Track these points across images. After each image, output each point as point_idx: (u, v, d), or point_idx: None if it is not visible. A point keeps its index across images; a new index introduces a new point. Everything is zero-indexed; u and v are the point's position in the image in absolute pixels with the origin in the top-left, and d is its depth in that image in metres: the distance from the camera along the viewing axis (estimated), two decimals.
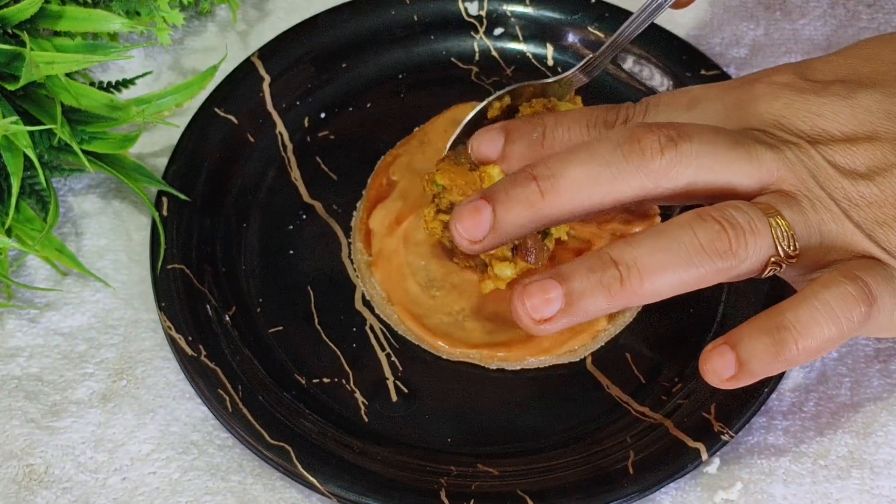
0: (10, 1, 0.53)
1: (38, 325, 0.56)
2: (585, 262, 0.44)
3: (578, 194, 0.45)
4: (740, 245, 0.44)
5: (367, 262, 0.57)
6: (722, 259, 0.43)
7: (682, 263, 0.43)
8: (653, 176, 0.44)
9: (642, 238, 0.44)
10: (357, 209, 0.60)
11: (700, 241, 0.43)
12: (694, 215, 0.44)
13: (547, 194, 0.45)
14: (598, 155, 0.45)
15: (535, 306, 0.44)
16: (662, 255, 0.43)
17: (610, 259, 0.44)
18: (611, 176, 0.44)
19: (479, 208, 0.45)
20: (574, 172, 0.45)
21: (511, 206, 0.45)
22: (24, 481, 0.51)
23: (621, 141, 0.45)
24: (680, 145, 0.45)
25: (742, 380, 0.44)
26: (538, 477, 0.51)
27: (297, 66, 0.63)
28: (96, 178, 0.61)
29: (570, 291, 0.44)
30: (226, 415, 0.51)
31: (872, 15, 0.68)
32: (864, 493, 0.52)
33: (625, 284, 0.43)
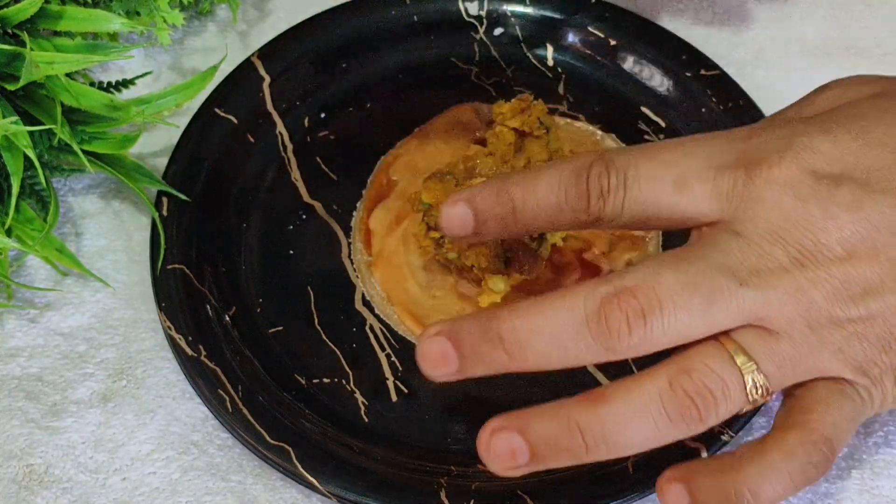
0: (10, 1, 0.53)
1: (38, 325, 0.56)
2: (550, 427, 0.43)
3: (544, 364, 0.44)
4: (710, 414, 0.42)
5: (367, 262, 0.57)
6: (688, 428, 0.43)
7: (649, 436, 0.42)
8: (619, 353, 0.43)
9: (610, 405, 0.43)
10: (357, 209, 0.60)
11: (668, 414, 0.42)
12: (665, 384, 0.43)
13: (513, 359, 0.44)
14: (566, 327, 0.43)
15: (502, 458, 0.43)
16: (631, 430, 0.42)
17: (577, 428, 0.43)
18: (577, 353, 0.43)
19: (447, 355, 0.44)
20: (542, 346, 0.43)
21: (476, 362, 0.44)
22: (24, 481, 0.51)
23: (589, 316, 0.43)
24: (649, 322, 0.42)
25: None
26: (538, 477, 0.51)
27: (297, 66, 0.63)
28: (96, 178, 0.61)
29: (535, 450, 0.43)
30: (226, 415, 0.51)
31: (873, 15, 0.68)
32: (864, 493, 0.52)
33: (591, 453, 0.43)
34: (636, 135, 0.62)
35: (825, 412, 0.44)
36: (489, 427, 0.44)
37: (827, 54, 0.67)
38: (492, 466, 0.44)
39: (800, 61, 0.66)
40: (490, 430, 0.44)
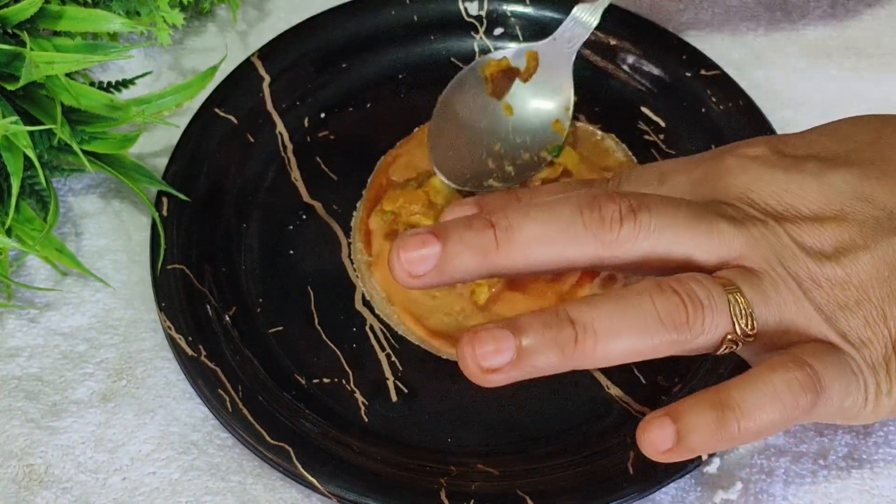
0: (10, 1, 0.53)
1: (38, 325, 0.56)
2: (541, 318, 0.42)
3: (532, 251, 0.43)
4: (697, 319, 0.43)
5: (367, 262, 0.57)
6: (677, 331, 0.42)
7: (638, 331, 0.42)
8: (609, 245, 0.43)
9: (601, 301, 0.43)
10: (357, 209, 0.60)
11: (658, 310, 0.42)
12: (654, 284, 0.43)
13: (502, 245, 0.43)
14: (559, 216, 0.43)
15: (485, 355, 0.42)
16: (619, 320, 0.42)
17: (567, 317, 0.42)
18: (567, 239, 0.43)
19: (427, 242, 0.43)
20: (532, 228, 0.43)
21: (462, 249, 0.43)
22: (24, 481, 0.51)
23: (582, 205, 0.44)
24: (639, 216, 0.44)
25: (679, 454, 0.43)
26: (538, 477, 0.51)
27: (297, 66, 0.63)
28: (96, 178, 0.61)
29: (522, 345, 0.42)
30: (226, 415, 0.51)
31: (873, 15, 0.68)
32: (864, 493, 0.52)
33: (579, 345, 0.42)
34: (636, 135, 0.62)
35: (812, 351, 0.44)
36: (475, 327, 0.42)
37: (827, 54, 0.67)
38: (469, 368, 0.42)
39: (800, 61, 0.66)
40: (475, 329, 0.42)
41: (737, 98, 0.62)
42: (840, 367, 0.44)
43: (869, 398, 0.45)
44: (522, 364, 0.42)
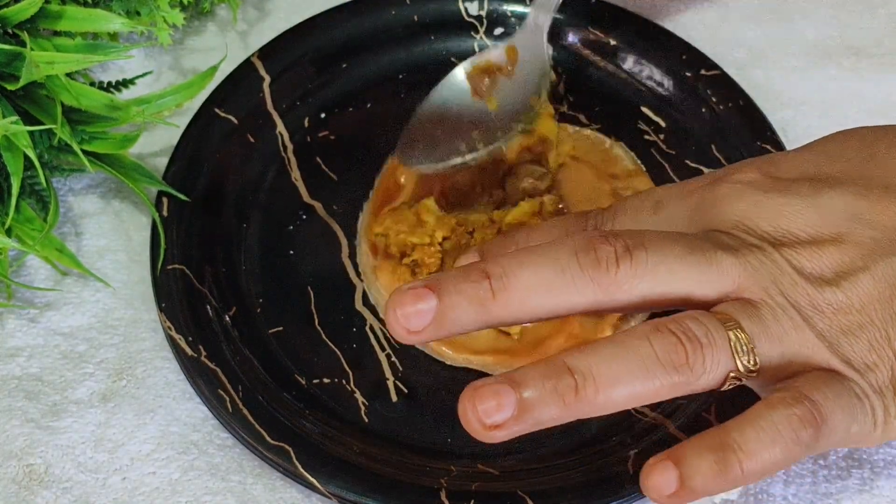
0: (10, 1, 0.53)
1: (38, 325, 0.56)
2: (540, 369, 0.42)
3: (530, 299, 0.43)
4: (697, 359, 0.42)
5: (372, 266, 0.57)
6: (678, 373, 0.42)
7: (638, 376, 0.42)
8: (607, 288, 0.43)
9: (599, 347, 0.42)
10: (363, 211, 0.59)
11: (657, 353, 0.42)
12: (651, 327, 0.43)
13: (498, 295, 0.42)
14: (554, 261, 0.43)
15: (486, 411, 0.41)
16: (618, 365, 0.42)
17: (565, 367, 0.42)
18: (563, 284, 0.43)
19: (422, 296, 0.42)
20: (528, 276, 0.42)
21: (458, 301, 0.42)
22: (24, 481, 0.51)
23: (577, 248, 0.43)
24: (635, 254, 0.43)
25: (683, 497, 0.42)
26: (538, 477, 0.51)
27: (297, 66, 0.63)
28: (96, 178, 0.61)
29: (523, 398, 0.41)
30: (226, 415, 0.51)
31: (873, 15, 0.68)
32: (863, 493, 0.52)
33: (580, 394, 0.41)
34: (636, 135, 0.62)
35: (814, 383, 0.43)
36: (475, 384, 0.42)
37: (827, 54, 0.67)
38: (472, 426, 0.42)
39: (800, 61, 0.66)
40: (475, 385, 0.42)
41: (737, 98, 0.62)
42: (843, 396, 0.43)
43: (878, 422, 0.44)
44: (524, 418, 0.41)
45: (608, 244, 0.43)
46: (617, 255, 0.43)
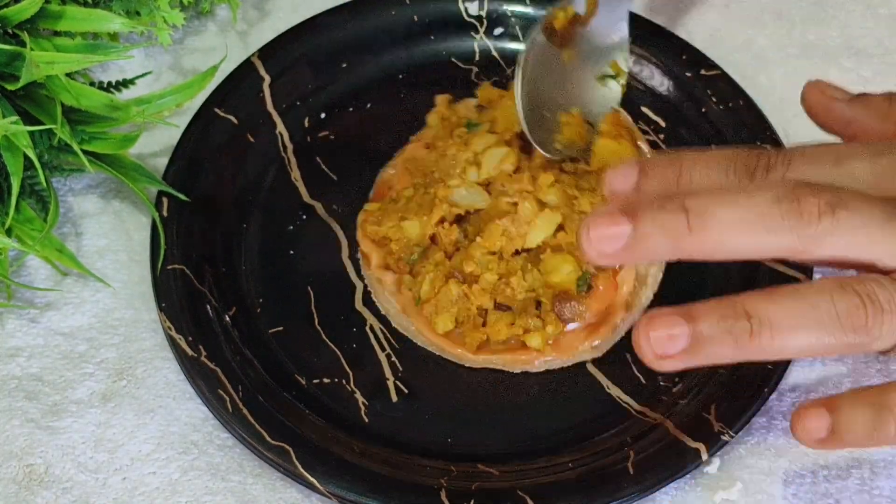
0: (10, 1, 0.53)
1: (38, 325, 0.56)
2: (718, 309, 0.43)
3: (726, 238, 0.43)
4: (876, 323, 0.42)
5: (377, 277, 0.57)
6: (855, 334, 0.42)
7: (815, 330, 0.42)
8: (805, 240, 0.43)
9: (780, 296, 0.43)
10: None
11: (837, 311, 0.42)
12: (836, 284, 0.43)
13: (695, 231, 0.43)
14: (755, 205, 0.43)
15: (659, 340, 0.43)
16: (798, 317, 0.42)
17: (744, 310, 0.43)
18: (764, 230, 0.43)
19: (618, 221, 0.43)
20: (728, 215, 0.43)
21: (654, 231, 0.43)
22: (24, 481, 0.51)
23: (781, 197, 0.43)
24: (838, 213, 0.43)
25: (832, 445, 0.44)
26: (538, 477, 0.51)
27: (297, 66, 0.63)
28: (96, 178, 0.61)
29: (696, 333, 0.42)
30: (226, 415, 0.51)
31: (873, 15, 0.68)
32: (863, 493, 0.52)
33: (754, 339, 0.42)
34: None
35: None
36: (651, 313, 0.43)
37: (827, 54, 0.67)
38: (645, 353, 0.43)
39: (800, 61, 0.66)
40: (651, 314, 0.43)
41: (737, 98, 0.62)
42: None
43: None
44: (696, 352, 0.42)
45: (813, 196, 0.43)
46: (820, 209, 0.43)
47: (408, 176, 0.59)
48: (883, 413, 0.43)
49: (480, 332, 0.54)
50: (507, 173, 0.56)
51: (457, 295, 0.54)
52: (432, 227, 0.55)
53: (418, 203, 0.56)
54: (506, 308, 0.55)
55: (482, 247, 0.55)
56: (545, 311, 0.54)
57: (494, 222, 0.55)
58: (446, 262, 0.55)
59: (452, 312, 0.54)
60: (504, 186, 0.56)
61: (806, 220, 0.43)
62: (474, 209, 0.56)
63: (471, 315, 0.54)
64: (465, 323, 0.54)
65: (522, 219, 0.55)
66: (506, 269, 0.54)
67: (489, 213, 0.56)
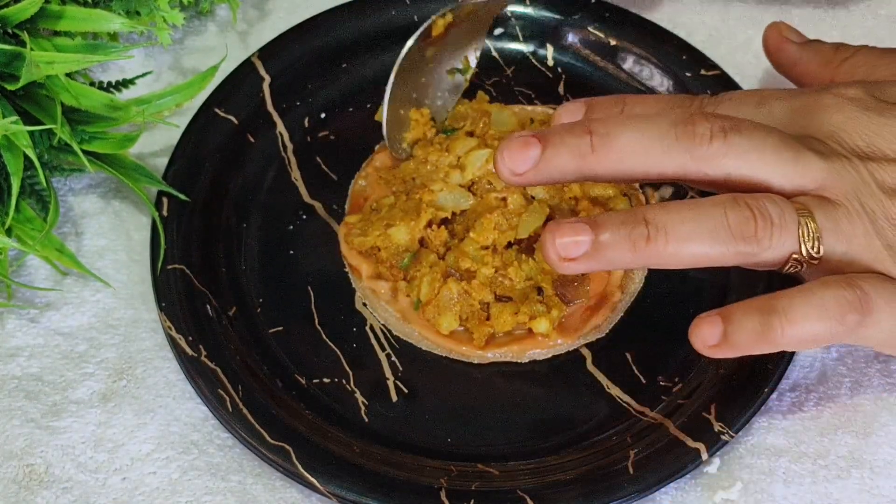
0: (10, 1, 0.53)
1: (38, 325, 0.56)
2: (620, 216, 0.46)
3: (626, 158, 0.47)
4: (765, 234, 0.45)
5: (371, 288, 0.57)
6: (746, 243, 0.45)
7: (708, 237, 0.45)
8: (697, 160, 0.47)
9: (676, 206, 0.46)
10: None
11: (729, 221, 0.45)
12: (729, 198, 0.46)
13: (597, 150, 0.47)
14: (654, 128, 0.47)
15: (564, 245, 0.46)
16: (692, 224, 0.46)
17: (643, 217, 0.46)
18: (660, 150, 0.47)
19: (529, 144, 0.47)
20: (627, 136, 0.47)
21: (561, 150, 0.47)
22: (24, 481, 0.51)
23: (677, 121, 0.47)
24: (729, 137, 0.47)
25: (724, 350, 0.46)
26: (538, 477, 0.51)
27: (297, 66, 0.63)
28: (96, 178, 0.61)
29: (598, 238, 0.46)
30: (226, 415, 0.51)
31: (873, 15, 0.68)
32: (863, 493, 0.52)
33: (650, 243, 0.45)
34: None
35: (870, 279, 0.46)
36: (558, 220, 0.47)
37: None
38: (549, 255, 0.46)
39: None
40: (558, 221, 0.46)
41: None
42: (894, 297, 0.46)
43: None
44: (597, 256, 0.46)
45: (706, 121, 0.47)
46: (712, 132, 0.47)
47: (383, 185, 0.59)
48: (771, 317, 0.45)
49: (487, 326, 0.54)
50: (494, 172, 0.57)
51: (457, 293, 0.55)
52: (420, 231, 0.56)
53: (402, 209, 0.57)
54: (507, 299, 0.55)
55: (475, 242, 0.55)
56: (547, 296, 0.55)
57: (486, 217, 0.55)
58: (440, 262, 0.56)
59: (455, 311, 0.55)
60: (491, 184, 0.57)
61: (698, 141, 0.47)
62: (460, 210, 0.57)
63: (474, 310, 0.55)
64: (469, 319, 0.55)
65: (513, 212, 0.56)
66: (501, 262, 0.55)
67: (476, 210, 0.56)
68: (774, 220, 0.46)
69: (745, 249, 0.46)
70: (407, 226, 0.56)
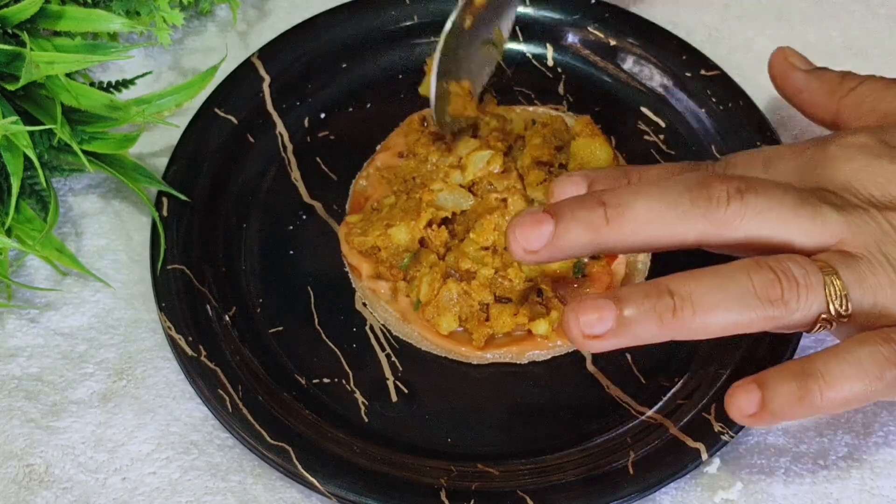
0: (10, 1, 0.53)
1: (38, 325, 0.56)
2: (642, 288, 0.45)
3: (641, 228, 0.45)
4: (792, 296, 0.44)
5: (371, 289, 0.57)
6: (773, 307, 0.44)
7: (735, 305, 0.44)
8: (716, 224, 0.45)
9: (700, 274, 0.45)
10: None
11: (755, 286, 0.44)
12: (752, 262, 0.45)
13: (612, 222, 0.45)
14: (668, 194, 0.46)
15: (588, 322, 0.44)
16: (717, 293, 0.44)
17: (667, 289, 0.45)
18: (676, 217, 0.45)
19: (541, 220, 0.46)
20: (641, 206, 0.45)
21: (574, 225, 0.45)
22: (24, 481, 0.51)
23: (691, 185, 0.46)
24: (746, 197, 0.46)
25: (763, 419, 0.45)
26: (538, 477, 0.51)
27: (297, 66, 0.63)
28: (96, 178, 0.61)
29: (622, 314, 0.44)
30: (226, 415, 0.51)
31: (873, 15, 0.68)
32: (863, 492, 0.52)
33: (677, 315, 0.44)
34: (636, 135, 0.62)
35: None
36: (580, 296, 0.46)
37: (827, 54, 0.66)
38: (573, 334, 0.45)
39: None
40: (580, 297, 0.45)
41: (737, 98, 0.62)
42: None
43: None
44: (623, 332, 0.44)
45: (721, 183, 0.46)
46: (729, 194, 0.45)
47: (384, 185, 0.59)
48: (808, 381, 0.44)
49: (486, 327, 0.54)
50: (495, 173, 0.57)
51: (457, 293, 0.55)
52: (421, 231, 0.56)
53: (402, 209, 0.57)
54: (506, 300, 0.55)
55: (475, 243, 0.55)
56: (547, 298, 0.55)
57: (486, 217, 0.55)
58: (440, 262, 0.56)
59: (455, 311, 0.55)
60: (492, 185, 0.57)
61: (715, 204, 0.45)
62: (460, 210, 0.57)
63: (474, 311, 0.55)
64: (469, 320, 0.55)
65: (513, 213, 0.56)
66: (501, 263, 0.55)
67: (476, 211, 0.56)
68: (800, 280, 0.45)
69: (774, 313, 0.44)
70: (407, 226, 0.56)
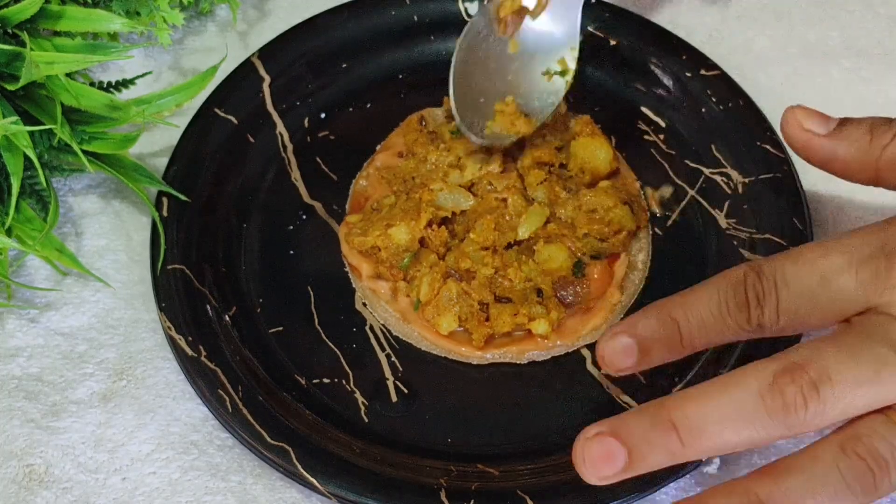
0: (10, 1, 0.53)
1: (38, 325, 0.56)
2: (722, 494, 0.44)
3: (719, 443, 0.44)
4: (883, 480, 0.43)
5: (371, 289, 0.57)
6: (865, 495, 0.43)
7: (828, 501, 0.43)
8: (794, 428, 0.43)
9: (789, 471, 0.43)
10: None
11: (847, 481, 0.43)
12: (838, 450, 0.43)
13: (688, 444, 0.44)
14: (741, 406, 0.43)
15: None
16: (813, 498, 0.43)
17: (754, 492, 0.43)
18: (754, 428, 0.43)
19: (613, 453, 0.44)
20: (716, 424, 0.43)
21: (649, 453, 0.44)
22: (24, 481, 0.51)
23: (763, 392, 0.43)
24: (822, 392, 0.43)
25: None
26: (538, 477, 0.51)
27: (297, 66, 0.63)
28: (96, 178, 0.61)
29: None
30: (226, 415, 0.51)
31: (873, 15, 0.68)
32: None
33: None
34: (636, 135, 0.62)
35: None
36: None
37: (827, 54, 0.67)
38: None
39: (800, 62, 0.66)
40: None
41: (737, 98, 0.62)
42: None
43: None
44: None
45: (793, 384, 0.43)
46: (804, 394, 0.43)
47: (384, 185, 0.60)
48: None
49: (486, 327, 0.54)
50: (495, 173, 0.58)
51: (457, 293, 0.55)
52: (420, 231, 0.56)
53: (402, 209, 0.57)
54: (506, 300, 0.55)
55: (475, 242, 0.55)
56: (547, 298, 0.55)
57: (486, 217, 0.55)
58: (440, 262, 0.56)
59: (455, 311, 0.55)
60: (492, 185, 0.57)
61: (792, 411, 0.43)
62: (460, 210, 0.57)
63: (474, 311, 0.55)
64: (469, 320, 0.55)
65: (513, 213, 0.56)
66: (501, 263, 0.55)
67: (476, 211, 0.57)
68: (888, 458, 0.43)
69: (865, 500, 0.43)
70: (407, 226, 0.56)
